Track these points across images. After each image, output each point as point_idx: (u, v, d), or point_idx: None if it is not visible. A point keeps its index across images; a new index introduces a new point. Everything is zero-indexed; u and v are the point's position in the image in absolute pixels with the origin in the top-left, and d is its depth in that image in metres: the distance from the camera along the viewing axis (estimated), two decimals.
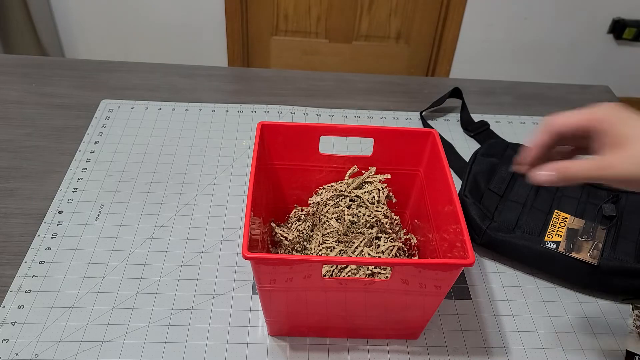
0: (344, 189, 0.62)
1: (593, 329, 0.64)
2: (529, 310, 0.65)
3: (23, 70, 1.01)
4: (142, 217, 0.73)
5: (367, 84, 1.05)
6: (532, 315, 0.65)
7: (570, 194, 0.72)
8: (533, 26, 2.14)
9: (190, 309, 0.63)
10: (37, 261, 0.66)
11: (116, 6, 2.10)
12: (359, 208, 0.62)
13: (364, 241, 0.60)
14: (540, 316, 0.65)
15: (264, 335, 0.61)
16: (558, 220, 0.69)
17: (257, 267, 0.50)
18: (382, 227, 0.61)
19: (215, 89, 1.00)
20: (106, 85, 0.99)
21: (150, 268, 0.67)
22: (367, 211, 0.61)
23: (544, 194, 0.72)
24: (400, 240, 0.65)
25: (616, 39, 2.17)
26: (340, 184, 0.64)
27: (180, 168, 0.82)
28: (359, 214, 0.61)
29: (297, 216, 0.67)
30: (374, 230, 0.61)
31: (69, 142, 0.85)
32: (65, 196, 0.76)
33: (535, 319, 0.65)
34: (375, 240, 0.62)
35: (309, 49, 2.30)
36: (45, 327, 0.60)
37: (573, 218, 0.69)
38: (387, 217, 0.61)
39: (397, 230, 0.66)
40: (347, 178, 0.64)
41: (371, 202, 0.62)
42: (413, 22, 2.22)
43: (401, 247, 0.63)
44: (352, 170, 0.64)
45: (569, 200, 0.71)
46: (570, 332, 0.64)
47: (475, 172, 0.74)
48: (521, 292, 0.68)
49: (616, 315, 0.66)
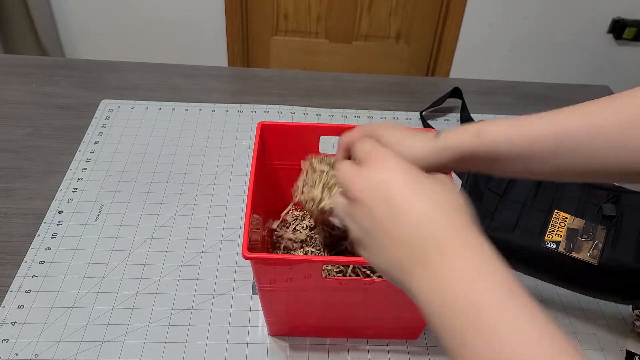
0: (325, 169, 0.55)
1: (593, 329, 0.64)
2: None
3: (23, 70, 1.00)
4: (142, 217, 0.73)
5: (367, 84, 1.05)
6: None
7: (570, 194, 0.72)
8: (533, 26, 2.14)
9: (190, 309, 0.63)
10: (37, 261, 0.66)
11: (116, 6, 2.10)
12: None
13: None
14: None
15: (264, 335, 0.61)
16: (558, 220, 0.69)
17: (257, 267, 0.50)
18: None
19: (215, 89, 1.00)
20: (106, 85, 0.99)
21: (150, 268, 0.67)
22: None
23: (543, 193, 0.72)
24: None
25: (616, 38, 2.16)
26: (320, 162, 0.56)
27: (180, 168, 0.82)
28: None
29: (294, 216, 0.67)
30: None
31: (69, 142, 0.85)
32: (65, 196, 0.75)
33: None
34: None
35: (309, 49, 2.30)
36: (45, 327, 0.60)
37: (573, 218, 0.69)
38: None
39: None
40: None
41: None
42: (413, 22, 2.22)
43: None
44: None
45: (569, 200, 0.71)
46: (570, 331, 0.63)
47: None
48: None
49: (616, 316, 0.66)
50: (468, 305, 0.30)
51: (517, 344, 0.28)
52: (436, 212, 0.34)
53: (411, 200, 0.34)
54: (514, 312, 0.29)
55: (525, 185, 0.73)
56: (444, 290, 0.31)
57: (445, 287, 0.31)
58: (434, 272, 0.32)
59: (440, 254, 0.32)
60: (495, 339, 0.28)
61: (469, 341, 0.29)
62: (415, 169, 0.37)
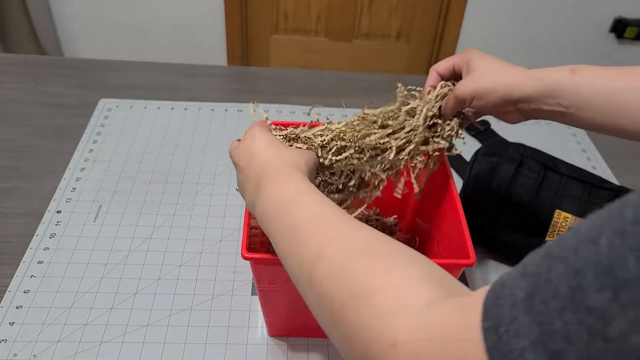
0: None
1: None
2: None
3: (22, 69, 1.00)
4: (140, 217, 0.73)
5: (368, 83, 1.04)
6: None
7: (572, 193, 0.72)
8: (533, 26, 2.13)
9: (189, 309, 0.62)
10: (35, 261, 0.66)
11: (115, 5, 2.09)
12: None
13: None
14: None
15: (263, 336, 0.60)
16: (559, 220, 0.68)
17: (257, 267, 0.50)
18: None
19: (215, 88, 1.00)
20: (105, 84, 0.99)
21: (149, 268, 0.67)
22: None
23: (545, 193, 0.72)
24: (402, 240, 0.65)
25: (617, 38, 2.16)
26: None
27: (179, 167, 0.81)
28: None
29: None
30: None
31: (68, 141, 0.85)
32: (63, 196, 0.75)
33: None
34: None
35: (309, 47, 2.29)
36: (44, 327, 0.59)
37: (575, 218, 0.68)
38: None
39: (397, 230, 0.65)
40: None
41: None
42: (413, 20, 2.21)
43: None
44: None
45: (570, 200, 0.71)
46: None
47: (477, 172, 0.74)
48: None
49: None
50: (282, 205, 0.41)
51: (302, 214, 0.39)
52: (275, 159, 0.45)
53: (261, 151, 0.46)
54: (308, 202, 0.40)
55: (527, 186, 0.72)
56: (269, 200, 0.42)
57: (270, 198, 0.42)
58: (266, 191, 0.43)
59: (270, 179, 0.43)
60: (288, 214, 0.40)
61: (280, 226, 0.40)
62: (273, 137, 0.48)
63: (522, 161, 0.70)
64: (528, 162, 0.70)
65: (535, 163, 0.70)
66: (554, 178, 0.70)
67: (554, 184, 0.71)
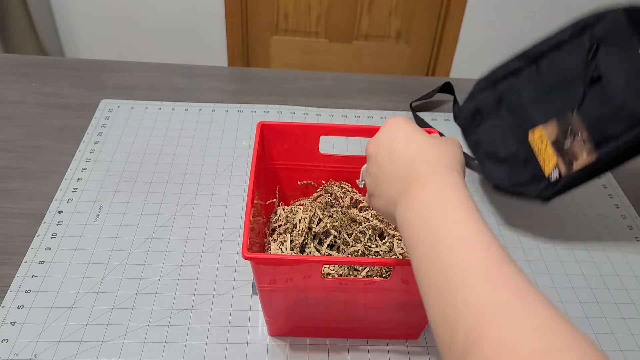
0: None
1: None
2: None
3: (23, 70, 1.00)
4: (141, 217, 0.73)
5: (367, 84, 1.05)
6: None
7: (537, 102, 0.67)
8: (533, 26, 2.14)
9: (190, 309, 0.63)
10: (36, 261, 0.66)
11: (116, 6, 2.10)
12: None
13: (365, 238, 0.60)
14: None
15: (263, 336, 0.61)
16: (538, 143, 0.63)
17: (257, 267, 0.50)
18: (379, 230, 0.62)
19: (215, 89, 1.00)
20: (106, 85, 0.99)
21: (150, 268, 0.67)
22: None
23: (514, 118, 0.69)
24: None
25: None
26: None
27: (180, 168, 0.82)
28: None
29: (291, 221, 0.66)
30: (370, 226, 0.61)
31: (69, 142, 0.85)
32: (65, 196, 0.75)
33: None
34: (375, 240, 0.61)
35: (309, 48, 2.30)
36: (45, 327, 0.60)
37: (544, 128, 0.62)
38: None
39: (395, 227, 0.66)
40: None
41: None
42: (413, 21, 2.22)
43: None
44: None
45: (534, 114, 0.66)
46: None
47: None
48: None
49: None
50: (428, 219, 0.35)
51: (455, 242, 0.33)
52: (424, 156, 0.39)
53: (406, 146, 0.41)
54: (461, 221, 0.34)
55: (494, 130, 0.72)
56: (413, 210, 0.37)
57: (415, 208, 0.37)
58: (410, 197, 0.38)
59: (419, 184, 0.38)
60: (437, 238, 0.34)
61: (424, 243, 0.35)
62: (417, 127, 0.43)
63: None
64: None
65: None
66: None
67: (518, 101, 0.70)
